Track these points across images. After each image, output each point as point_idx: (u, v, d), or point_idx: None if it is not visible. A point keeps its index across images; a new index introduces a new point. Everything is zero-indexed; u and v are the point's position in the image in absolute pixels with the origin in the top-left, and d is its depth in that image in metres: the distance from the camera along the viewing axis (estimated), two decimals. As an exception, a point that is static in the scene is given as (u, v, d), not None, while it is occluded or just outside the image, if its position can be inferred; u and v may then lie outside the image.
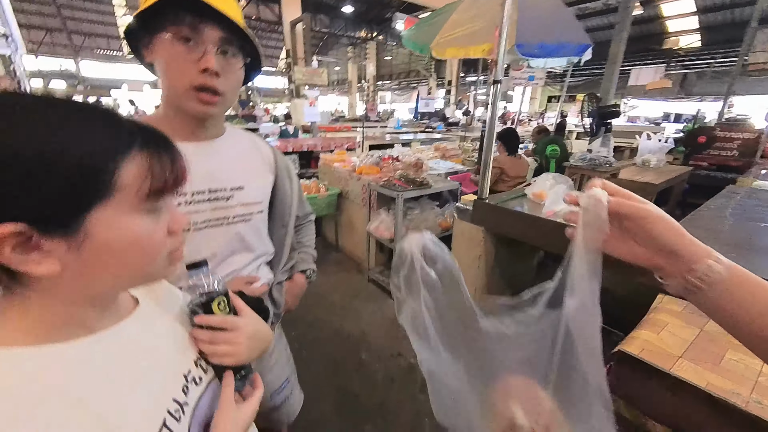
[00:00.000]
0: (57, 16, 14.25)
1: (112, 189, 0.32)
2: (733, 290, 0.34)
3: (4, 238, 0.27)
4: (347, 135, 6.27)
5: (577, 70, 13.50)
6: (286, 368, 1.01)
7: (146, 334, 0.43)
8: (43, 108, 0.30)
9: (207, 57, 0.59)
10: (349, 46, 17.24)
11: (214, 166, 0.71)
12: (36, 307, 0.33)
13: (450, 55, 2.77)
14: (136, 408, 0.37)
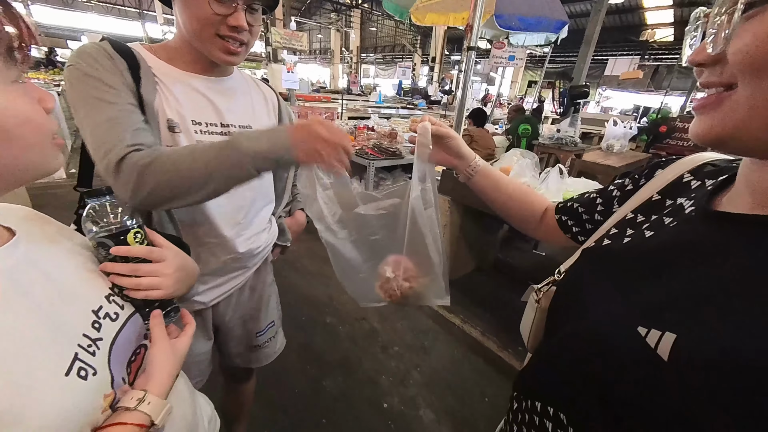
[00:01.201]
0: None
1: None
2: (484, 175, 0.64)
3: None
4: (327, 105, 6.07)
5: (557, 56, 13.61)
6: (275, 311, 1.04)
7: (30, 265, 0.37)
8: None
9: (237, 14, 0.62)
10: (332, 12, 16.34)
11: (224, 102, 0.72)
12: None
13: (429, 22, 2.70)
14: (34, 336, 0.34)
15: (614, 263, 0.40)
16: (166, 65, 0.67)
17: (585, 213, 0.56)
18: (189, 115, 0.67)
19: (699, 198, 0.38)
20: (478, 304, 2.20)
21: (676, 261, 0.34)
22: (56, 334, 0.36)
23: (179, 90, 0.67)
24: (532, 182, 1.85)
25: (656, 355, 0.27)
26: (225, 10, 0.61)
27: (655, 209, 0.43)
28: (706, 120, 0.29)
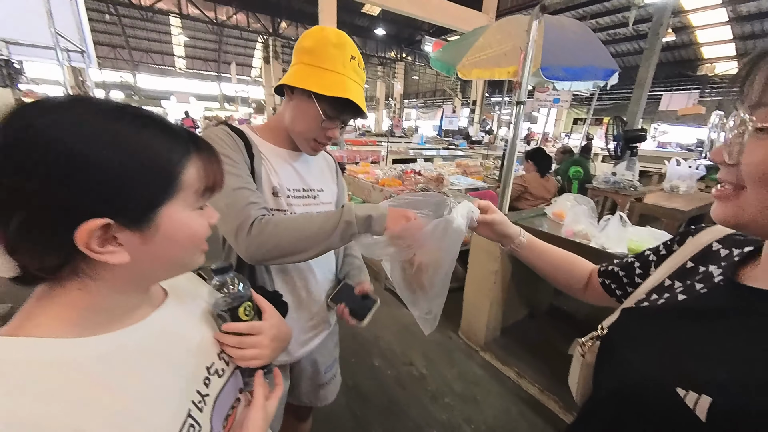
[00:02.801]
0: (122, 35, 15.85)
1: (177, 188, 0.37)
2: (529, 249, 0.72)
3: (92, 230, 0.31)
4: (372, 149, 6.46)
5: (605, 94, 13.31)
6: (336, 350, 1.13)
7: (175, 325, 0.45)
8: (122, 117, 0.34)
9: (335, 131, 0.79)
10: (378, 65, 17.87)
11: (305, 171, 0.88)
12: (90, 297, 0.35)
13: (475, 76, 2.88)
14: (162, 397, 0.38)
15: (652, 324, 0.44)
16: (266, 143, 0.84)
17: (625, 276, 0.61)
18: (284, 183, 0.83)
19: (727, 268, 0.42)
20: (533, 354, 2.07)
21: (707, 326, 0.37)
22: (178, 391, 0.41)
23: (276, 162, 0.83)
24: (590, 230, 1.79)
25: (694, 415, 0.30)
26: (329, 126, 0.78)
27: (689, 275, 0.47)
28: (725, 209, 0.35)
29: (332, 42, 0.73)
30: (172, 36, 17.17)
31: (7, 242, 0.31)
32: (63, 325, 0.34)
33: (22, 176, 0.29)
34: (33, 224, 0.31)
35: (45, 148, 0.30)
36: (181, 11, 11.92)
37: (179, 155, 0.37)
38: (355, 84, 0.76)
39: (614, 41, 11.22)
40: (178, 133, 0.38)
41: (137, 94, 17.36)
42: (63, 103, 0.32)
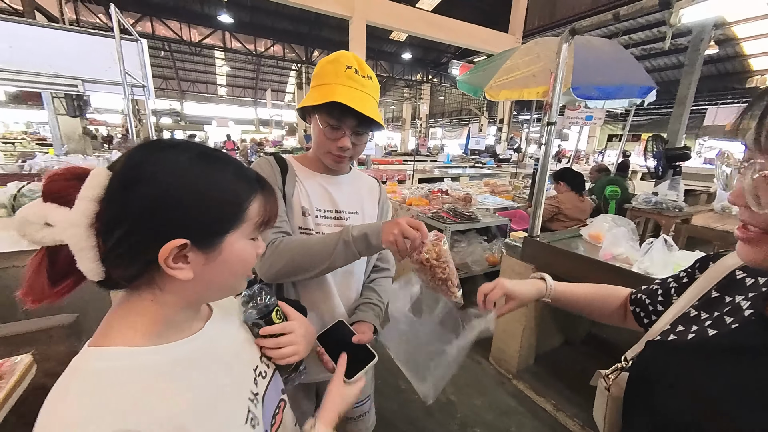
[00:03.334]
0: (172, 68, 17.64)
1: (242, 220, 0.43)
2: (558, 299, 0.74)
3: (173, 248, 0.37)
4: (398, 168, 6.56)
5: (642, 109, 12.74)
6: (370, 386, 1.12)
7: (223, 335, 0.51)
8: (208, 157, 0.42)
9: (344, 140, 0.82)
10: (405, 87, 18.37)
11: (338, 194, 0.92)
12: (160, 308, 0.42)
13: (503, 97, 2.90)
14: (227, 393, 0.46)
15: (684, 362, 0.42)
16: (304, 168, 0.91)
17: (650, 304, 0.60)
18: (315, 204, 0.89)
19: (756, 300, 0.41)
20: (571, 386, 1.94)
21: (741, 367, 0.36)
22: (238, 389, 0.48)
23: (309, 184, 0.89)
24: (631, 253, 1.69)
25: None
26: (335, 136, 0.81)
27: (716, 306, 0.45)
28: (755, 253, 0.35)
29: (328, 60, 0.82)
30: (216, 67, 18.80)
31: (102, 251, 0.38)
32: (139, 336, 0.41)
33: (130, 199, 0.37)
34: (129, 238, 0.38)
35: (149, 180, 0.38)
36: (225, 45, 13.07)
37: (248, 193, 0.44)
38: (350, 89, 0.77)
39: (650, 56, 10.82)
40: (249, 174, 0.46)
41: (183, 119, 19.00)
42: (165, 147, 0.41)
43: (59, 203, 0.37)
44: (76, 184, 0.37)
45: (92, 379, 0.36)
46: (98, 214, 0.37)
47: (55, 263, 0.39)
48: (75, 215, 0.36)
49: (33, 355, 0.91)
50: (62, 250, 0.38)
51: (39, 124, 11.79)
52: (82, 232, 0.37)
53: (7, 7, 8.56)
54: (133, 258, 0.38)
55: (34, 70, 2.45)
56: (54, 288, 0.39)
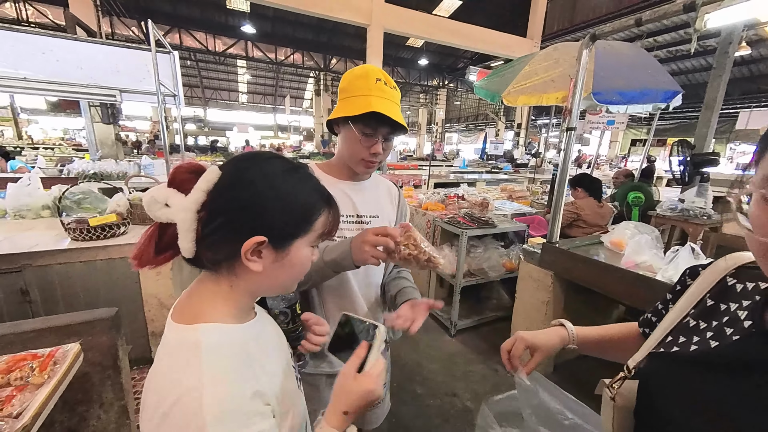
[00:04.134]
0: (197, 76, 18.44)
1: (310, 229, 0.51)
2: (583, 345, 0.72)
3: (253, 243, 0.45)
4: (414, 173, 6.59)
5: (668, 113, 12.29)
6: (386, 375, 1.15)
7: (268, 323, 0.60)
8: (294, 171, 0.51)
9: (377, 146, 0.86)
10: (421, 93, 18.44)
11: (360, 199, 0.97)
12: (235, 293, 0.49)
13: (521, 103, 2.89)
14: (285, 366, 0.56)
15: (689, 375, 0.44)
16: (327, 176, 0.96)
17: (657, 321, 0.59)
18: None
19: (753, 310, 0.42)
20: (589, 396, 1.89)
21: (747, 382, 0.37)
22: (287, 361, 0.58)
23: (331, 190, 0.92)
24: (655, 261, 1.65)
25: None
26: (369, 143, 0.86)
27: (713, 315, 0.46)
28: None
29: (357, 74, 0.87)
30: (238, 75, 19.49)
31: (199, 234, 0.45)
32: (229, 315, 0.49)
33: (231, 197, 0.46)
34: (223, 228, 0.45)
35: (248, 185, 0.47)
36: (247, 54, 13.54)
37: (319, 207, 0.52)
38: (382, 99, 0.83)
39: (676, 58, 10.45)
40: (321, 191, 0.54)
41: (206, 126, 19.72)
42: (265, 158, 0.50)
43: (179, 190, 0.46)
44: (193, 177, 0.46)
45: (218, 349, 0.44)
46: (204, 204, 0.45)
47: (163, 237, 0.48)
48: (188, 202, 0.45)
49: (80, 344, 0.99)
50: (170, 228, 0.46)
51: (75, 130, 12.53)
52: (190, 216, 0.44)
53: (50, 22, 9.22)
54: (222, 245, 0.46)
55: (77, 81, 2.63)
56: (157, 257, 0.48)
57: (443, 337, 2.63)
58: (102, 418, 1.20)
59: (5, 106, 8.74)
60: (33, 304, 1.62)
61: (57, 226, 1.83)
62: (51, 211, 2.14)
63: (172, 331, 0.46)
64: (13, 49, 2.57)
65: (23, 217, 2.10)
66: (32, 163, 4.94)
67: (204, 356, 0.43)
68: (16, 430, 0.69)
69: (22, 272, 1.58)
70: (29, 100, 10.34)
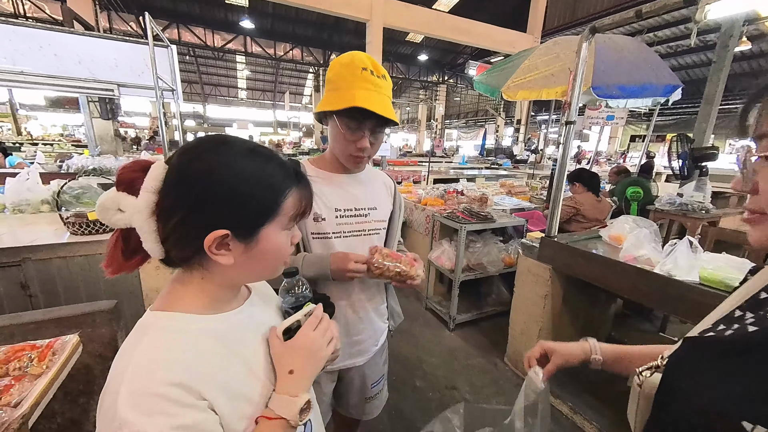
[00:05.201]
0: (196, 72, 18.35)
1: (277, 213, 0.47)
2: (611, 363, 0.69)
3: (216, 237, 0.43)
4: (414, 169, 6.58)
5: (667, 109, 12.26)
6: (384, 367, 1.18)
7: (260, 313, 0.57)
8: (251, 154, 0.46)
9: (363, 140, 0.84)
10: (421, 89, 18.36)
11: (358, 192, 0.96)
12: (208, 285, 0.48)
13: (521, 97, 2.88)
14: (263, 360, 0.52)
15: (718, 354, 0.41)
16: (320, 170, 0.95)
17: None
18: (334, 204, 0.92)
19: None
20: (590, 390, 1.91)
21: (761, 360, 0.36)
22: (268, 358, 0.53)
23: (328, 187, 0.93)
24: (654, 255, 1.65)
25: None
26: (355, 138, 0.84)
27: (763, 306, 0.44)
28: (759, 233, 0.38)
29: (342, 63, 0.82)
30: (237, 71, 19.41)
31: (162, 233, 0.44)
32: (197, 305, 0.48)
33: (182, 192, 0.43)
34: (182, 225, 0.43)
35: (198, 176, 0.43)
36: (246, 50, 13.47)
37: (283, 188, 0.48)
38: (368, 92, 0.79)
39: (677, 54, 10.41)
40: (285, 168, 0.49)
41: (206, 122, 19.69)
42: (214, 144, 0.46)
43: (129, 192, 0.43)
44: (141, 175, 0.43)
45: (161, 334, 0.43)
46: (158, 202, 0.43)
47: (129, 242, 0.46)
48: (140, 203, 0.42)
49: (79, 335, 1.00)
50: (133, 231, 0.44)
51: (74, 126, 12.48)
52: (145, 218, 0.42)
53: (48, 17, 9.15)
54: (186, 243, 0.44)
55: (76, 75, 2.62)
56: (127, 262, 0.46)
57: (443, 331, 2.65)
58: (103, 410, 1.21)
59: (4, 102, 8.71)
60: (33, 298, 1.62)
61: (56, 220, 1.83)
62: (50, 205, 2.14)
63: (143, 317, 0.46)
64: (11, 43, 2.56)
65: (22, 211, 2.10)
66: (31, 159, 4.93)
67: (145, 340, 0.42)
68: (14, 418, 0.69)
69: (22, 266, 1.58)
70: (28, 96, 10.31)
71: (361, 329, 1.00)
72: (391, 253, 0.90)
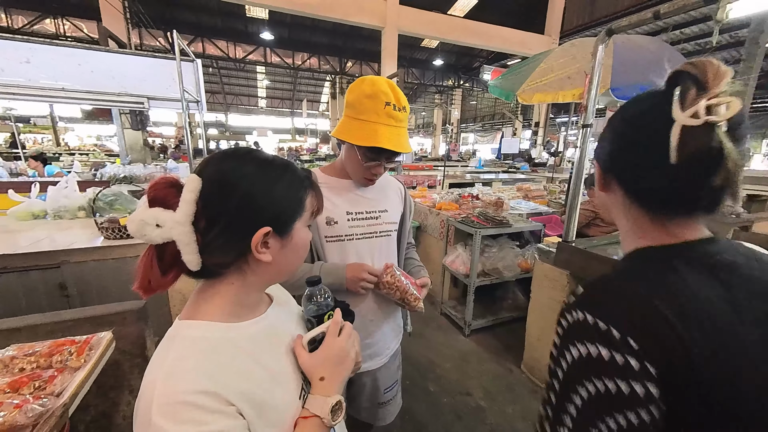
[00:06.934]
0: (219, 83, 19.16)
1: (303, 209, 0.53)
2: None
3: (261, 236, 0.47)
4: (429, 173, 6.57)
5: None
6: (397, 372, 1.19)
7: (282, 321, 0.60)
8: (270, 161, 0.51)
9: (378, 169, 0.91)
10: (436, 93, 18.35)
11: (368, 195, 1.01)
12: (236, 291, 0.50)
13: (537, 101, 2.85)
14: (287, 369, 0.54)
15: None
16: (332, 178, 1.00)
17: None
18: (345, 208, 0.96)
19: None
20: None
21: None
22: (294, 368, 0.55)
23: (340, 192, 0.97)
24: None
25: None
26: (370, 166, 0.90)
27: None
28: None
29: (366, 94, 0.84)
30: (257, 81, 20.10)
31: (200, 244, 0.46)
32: (223, 314, 0.50)
33: (225, 201, 0.47)
34: (227, 231, 0.47)
35: (237, 184, 0.47)
36: (266, 60, 13.93)
37: (304, 187, 0.54)
38: (389, 128, 0.84)
39: (705, 51, 9.94)
40: (301, 172, 0.55)
41: (227, 130, 20.45)
42: (240, 155, 0.51)
43: (164, 206, 0.46)
44: (174, 191, 0.47)
45: (186, 343, 0.45)
46: (196, 213, 0.45)
47: (163, 257, 0.47)
48: (180, 216, 0.45)
49: (112, 332, 1.07)
50: (168, 246, 0.46)
51: (106, 137, 13.26)
52: (186, 229, 0.45)
53: (86, 36, 9.81)
54: (231, 246, 0.48)
55: (109, 90, 2.82)
56: (164, 277, 0.48)
57: (457, 336, 2.63)
58: (132, 404, 1.29)
59: (45, 115, 9.37)
60: (70, 298, 1.75)
61: (91, 225, 1.97)
62: (86, 211, 2.30)
63: (171, 327, 0.48)
64: (53, 62, 2.78)
65: (61, 217, 2.26)
66: (69, 167, 5.28)
67: (174, 350, 0.44)
68: (57, 406, 0.76)
69: (61, 268, 1.70)
70: (66, 109, 11.04)
71: (373, 332, 1.03)
72: (402, 276, 0.94)
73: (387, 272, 0.93)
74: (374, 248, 1.00)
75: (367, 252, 0.99)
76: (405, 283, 0.94)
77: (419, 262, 1.19)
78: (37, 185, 2.31)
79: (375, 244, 1.00)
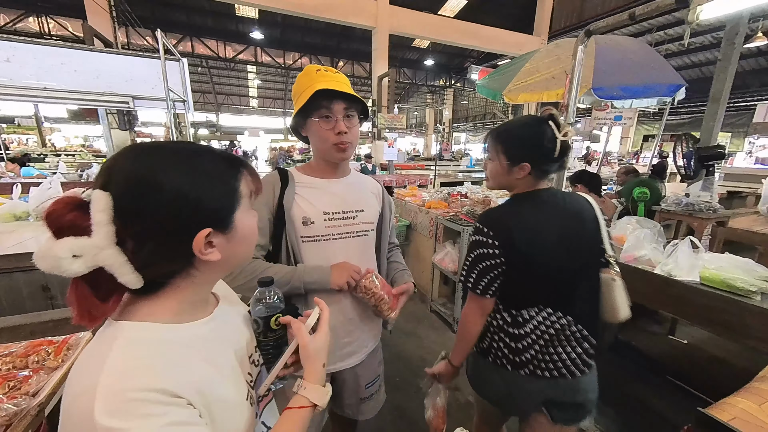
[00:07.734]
0: (209, 83, 18.97)
1: (240, 197, 0.49)
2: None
3: (202, 238, 0.43)
4: (420, 173, 6.61)
5: (680, 108, 11.94)
6: (379, 368, 1.20)
7: (230, 321, 0.58)
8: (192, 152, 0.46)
9: (339, 124, 0.89)
10: (428, 93, 18.44)
11: (345, 194, 1.01)
12: (183, 292, 0.47)
13: (522, 100, 2.89)
14: (231, 366, 0.52)
15: None
16: (308, 177, 1.00)
17: None
18: (322, 208, 0.96)
19: None
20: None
21: None
22: (241, 369, 0.54)
23: (315, 191, 0.98)
24: (654, 255, 1.65)
25: None
26: (329, 126, 0.90)
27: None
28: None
29: (299, 76, 0.92)
30: (248, 81, 19.95)
31: (136, 260, 0.41)
32: (169, 314, 0.47)
33: (147, 212, 0.41)
34: (163, 241, 0.43)
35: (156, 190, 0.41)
36: (257, 60, 13.84)
37: (236, 173, 0.49)
38: (327, 81, 0.87)
39: (689, 51, 10.18)
40: (233, 158, 0.51)
41: (219, 130, 20.25)
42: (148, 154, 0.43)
43: (75, 234, 0.39)
44: (80, 212, 0.40)
45: (132, 344, 0.41)
46: (118, 233, 0.40)
47: (97, 284, 0.41)
48: (98, 240, 0.39)
49: (92, 333, 1.07)
50: (99, 272, 0.40)
51: (94, 137, 13.02)
52: (112, 251, 0.39)
53: (71, 34, 9.63)
54: (171, 258, 0.44)
55: (94, 89, 2.78)
56: (105, 304, 0.42)
57: (446, 333, 2.65)
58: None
59: (30, 115, 9.17)
60: (54, 300, 1.72)
61: (75, 226, 1.94)
62: (70, 212, 2.26)
63: (103, 325, 0.44)
64: (35, 60, 2.74)
65: (44, 218, 2.22)
66: (53, 169, 5.17)
67: (114, 352, 0.39)
68: (32, 406, 0.76)
69: (43, 269, 1.68)
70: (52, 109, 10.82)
71: (351, 331, 1.03)
72: (380, 285, 0.95)
73: (366, 276, 0.94)
74: (351, 248, 1.00)
75: (344, 252, 0.99)
76: (381, 292, 0.94)
77: (404, 266, 1.19)
78: (19, 186, 2.27)
79: (352, 243, 1.00)
